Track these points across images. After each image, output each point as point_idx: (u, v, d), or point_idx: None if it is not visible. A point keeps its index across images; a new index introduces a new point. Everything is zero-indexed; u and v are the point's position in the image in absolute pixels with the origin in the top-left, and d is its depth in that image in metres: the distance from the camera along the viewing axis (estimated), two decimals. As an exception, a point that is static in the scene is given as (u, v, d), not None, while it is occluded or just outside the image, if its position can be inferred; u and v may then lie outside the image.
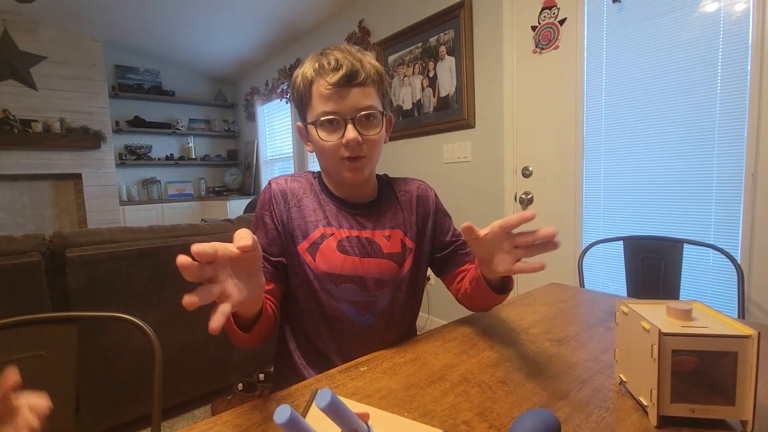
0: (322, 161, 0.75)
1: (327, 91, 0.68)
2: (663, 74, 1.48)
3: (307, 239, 0.74)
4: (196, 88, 4.77)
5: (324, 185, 0.79)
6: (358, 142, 0.68)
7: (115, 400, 1.50)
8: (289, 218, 0.74)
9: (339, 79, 0.67)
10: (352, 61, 0.68)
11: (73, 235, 1.40)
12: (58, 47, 3.60)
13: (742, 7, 1.30)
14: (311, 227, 0.74)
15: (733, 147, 1.34)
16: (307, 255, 0.73)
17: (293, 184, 0.77)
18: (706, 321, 0.48)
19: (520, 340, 0.73)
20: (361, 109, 0.68)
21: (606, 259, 1.69)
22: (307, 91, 0.70)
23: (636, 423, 0.48)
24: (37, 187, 3.73)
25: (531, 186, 1.95)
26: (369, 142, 0.70)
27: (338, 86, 0.67)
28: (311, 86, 0.70)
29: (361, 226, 0.76)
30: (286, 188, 0.76)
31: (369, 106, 0.69)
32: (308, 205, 0.76)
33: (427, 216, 0.83)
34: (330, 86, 0.67)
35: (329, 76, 0.67)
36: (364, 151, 0.70)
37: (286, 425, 0.29)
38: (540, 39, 1.84)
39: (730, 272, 1.27)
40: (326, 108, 0.68)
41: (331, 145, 0.69)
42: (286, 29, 3.42)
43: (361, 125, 0.69)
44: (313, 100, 0.70)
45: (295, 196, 0.76)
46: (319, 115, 0.69)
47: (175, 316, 1.58)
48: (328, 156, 0.71)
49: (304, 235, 0.74)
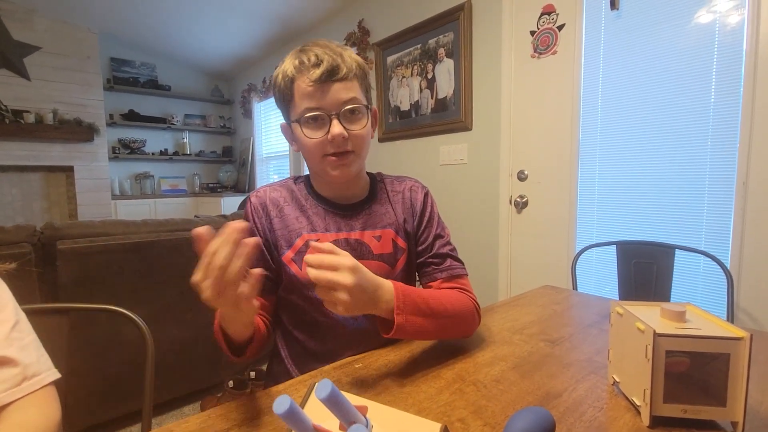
0: (308, 160, 0.74)
1: (309, 88, 0.66)
2: (658, 82, 1.50)
3: (292, 248, 0.73)
4: (193, 83, 4.74)
5: (311, 188, 0.79)
6: (344, 137, 0.67)
7: (103, 396, 1.48)
8: (271, 229, 0.74)
9: (320, 75, 0.65)
10: (333, 55, 0.66)
11: (64, 227, 1.38)
12: (53, 38, 3.55)
13: (736, 19, 1.32)
14: (294, 236, 0.73)
15: (725, 156, 1.36)
16: (292, 264, 0.72)
17: (273, 194, 0.77)
18: (700, 323, 0.49)
19: (515, 340, 0.74)
20: (345, 102, 0.67)
21: (599, 263, 1.70)
22: (288, 89, 0.69)
23: (629, 423, 0.48)
24: (27, 178, 3.68)
25: (526, 189, 1.97)
26: (355, 137, 0.69)
27: (320, 82, 0.66)
28: (292, 84, 0.68)
29: (350, 228, 0.75)
30: (266, 199, 0.76)
31: (352, 99, 0.68)
32: (290, 214, 0.75)
33: (414, 216, 0.80)
34: (312, 83, 0.66)
35: (310, 73, 0.66)
36: (351, 146, 0.69)
37: (285, 415, 0.29)
38: (538, 44, 1.86)
39: (720, 278, 1.29)
40: (309, 105, 0.67)
41: (317, 142, 0.68)
42: (285, 27, 3.41)
43: (346, 120, 0.68)
44: (295, 98, 0.69)
45: (276, 207, 0.75)
46: (302, 113, 0.67)
47: (166, 312, 1.56)
48: (314, 154, 0.70)
49: (288, 244, 0.73)
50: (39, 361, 0.53)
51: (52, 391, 0.52)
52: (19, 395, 0.49)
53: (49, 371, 0.53)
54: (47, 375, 0.53)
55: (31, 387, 0.50)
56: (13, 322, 0.53)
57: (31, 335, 0.55)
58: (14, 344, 0.51)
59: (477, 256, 2.18)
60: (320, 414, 0.34)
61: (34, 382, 0.51)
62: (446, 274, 0.75)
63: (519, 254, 2.02)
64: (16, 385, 0.49)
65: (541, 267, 1.92)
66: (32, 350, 0.53)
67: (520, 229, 2.01)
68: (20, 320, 0.54)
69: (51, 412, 0.51)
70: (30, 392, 0.50)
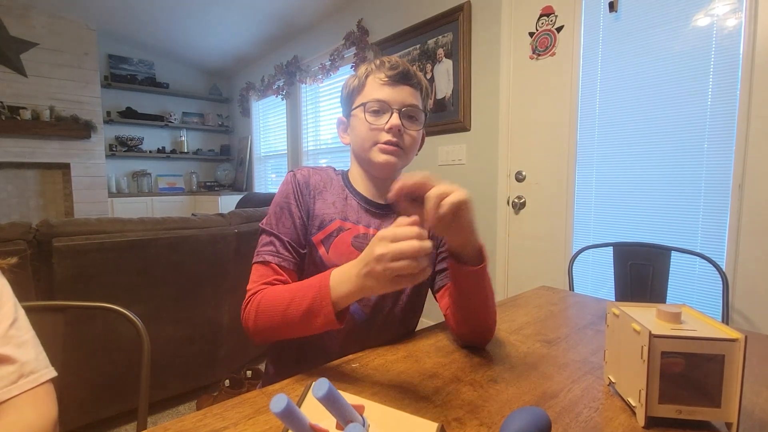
0: (358, 147, 0.77)
1: (382, 82, 0.74)
2: (656, 84, 1.51)
3: (323, 231, 0.75)
4: (191, 81, 4.72)
5: (349, 182, 0.81)
6: (400, 130, 0.73)
7: (99, 394, 1.48)
8: (309, 208, 0.76)
9: (395, 74, 0.74)
10: (408, 67, 0.76)
11: (60, 225, 1.38)
12: (51, 34, 3.53)
13: (734, 22, 1.33)
14: (328, 219, 0.75)
15: (722, 159, 1.37)
16: (321, 246, 0.74)
17: (315, 176, 0.79)
18: (695, 324, 0.49)
19: (511, 340, 0.74)
20: (409, 105, 0.75)
21: (595, 264, 1.71)
22: (361, 82, 0.77)
23: (624, 423, 0.49)
24: (23, 175, 3.65)
25: (523, 190, 1.97)
26: (408, 136, 0.75)
27: (393, 80, 0.74)
28: (368, 77, 0.76)
29: (379, 227, 0.77)
30: (309, 179, 0.78)
31: (415, 105, 0.76)
32: (328, 198, 0.77)
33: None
34: (386, 78, 0.74)
35: (387, 71, 0.75)
36: (403, 141, 0.74)
37: (282, 414, 0.29)
38: (537, 45, 1.86)
39: (715, 280, 1.29)
40: (378, 95, 0.74)
41: (375, 128, 0.74)
42: (284, 26, 3.41)
43: (405, 118, 0.75)
44: (366, 87, 0.76)
45: (317, 188, 0.77)
46: (369, 100, 0.74)
47: (162, 311, 1.56)
48: (368, 138, 0.74)
49: (320, 226, 0.75)
50: (36, 359, 0.53)
51: (49, 389, 0.52)
52: (15, 393, 0.49)
53: (47, 369, 0.53)
54: (44, 373, 0.52)
55: (28, 385, 0.50)
56: (11, 320, 0.53)
57: (30, 333, 0.54)
58: (12, 342, 0.51)
59: (474, 256, 2.18)
60: (317, 413, 0.34)
61: (30, 380, 0.50)
62: None
63: (516, 255, 2.03)
64: (12, 382, 0.49)
65: (538, 268, 1.93)
66: (30, 348, 0.53)
67: (517, 229, 2.01)
68: (19, 317, 0.54)
69: (47, 411, 0.51)
70: (26, 390, 0.50)
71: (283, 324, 0.62)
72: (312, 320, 0.59)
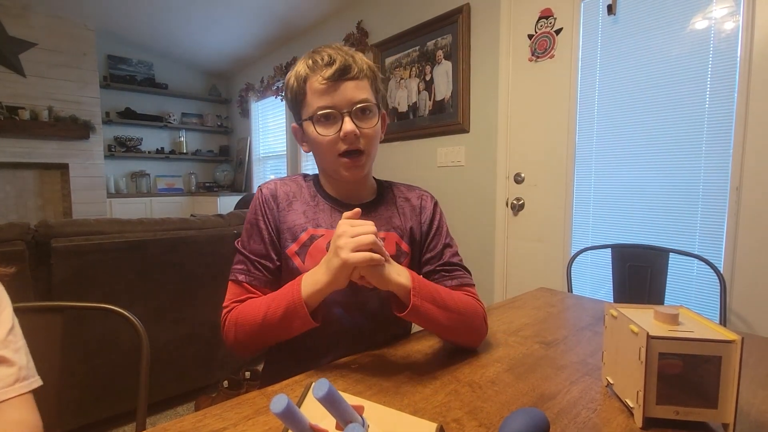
0: (319, 159, 0.75)
1: (321, 86, 0.68)
2: (654, 87, 1.52)
3: (296, 242, 0.73)
4: (190, 81, 4.72)
5: (320, 186, 0.79)
6: (356, 134, 0.69)
7: (97, 395, 1.47)
8: (279, 222, 0.74)
9: (333, 73, 0.67)
10: (345, 56, 0.69)
11: (59, 225, 1.38)
12: (49, 34, 3.52)
13: (731, 25, 1.34)
14: (299, 230, 0.74)
15: (719, 161, 1.38)
16: (296, 258, 0.73)
17: (283, 187, 0.77)
18: (692, 326, 0.50)
19: (510, 342, 0.74)
20: (357, 102, 0.69)
21: (594, 265, 1.71)
22: (301, 88, 0.71)
23: (622, 424, 0.49)
24: (21, 175, 3.64)
25: (522, 192, 1.98)
26: (366, 135, 0.70)
27: (332, 80, 0.68)
28: (305, 83, 0.70)
29: None
30: (277, 192, 0.76)
31: (364, 99, 0.70)
32: (298, 208, 0.76)
33: (422, 224, 0.81)
34: (324, 81, 0.68)
35: (323, 71, 0.68)
36: (362, 144, 0.70)
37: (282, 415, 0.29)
38: (536, 47, 1.87)
39: (713, 282, 1.30)
40: (322, 103, 0.68)
41: (329, 140, 0.69)
42: (284, 27, 3.41)
43: (358, 118, 0.70)
44: (307, 96, 0.70)
45: (285, 200, 0.76)
46: (315, 111, 0.69)
47: (161, 311, 1.55)
48: (326, 152, 0.71)
49: (293, 237, 0.74)
50: (28, 366, 0.54)
51: (31, 399, 0.53)
52: (11, 395, 0.50)
53: (35, 378, 0.54)
54: (34, 381, 0.54)
55: (22, 389, 0.51)
56: (10, 326, 0.54)
57: (23, 340, 0.56)
58: (10, 346, 0.52)
59: (473, 257, 2.19)
60: (317, 413, 0.35)
61: (24, 385, 0.52)
62: (456, 281, 0.75)
63: (515, 256, 2.03)
64: (9, 385, 0.50)
65: (537, 269, 1.93)
66: (23, 354, 0.54)
67: (516, 231, 2.02)
68: (15, 325, 0.56)
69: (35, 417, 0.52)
70: (19, 394, 0.51)
71: (262, 333, 0.64)
72: (290, 323, 0.62)
